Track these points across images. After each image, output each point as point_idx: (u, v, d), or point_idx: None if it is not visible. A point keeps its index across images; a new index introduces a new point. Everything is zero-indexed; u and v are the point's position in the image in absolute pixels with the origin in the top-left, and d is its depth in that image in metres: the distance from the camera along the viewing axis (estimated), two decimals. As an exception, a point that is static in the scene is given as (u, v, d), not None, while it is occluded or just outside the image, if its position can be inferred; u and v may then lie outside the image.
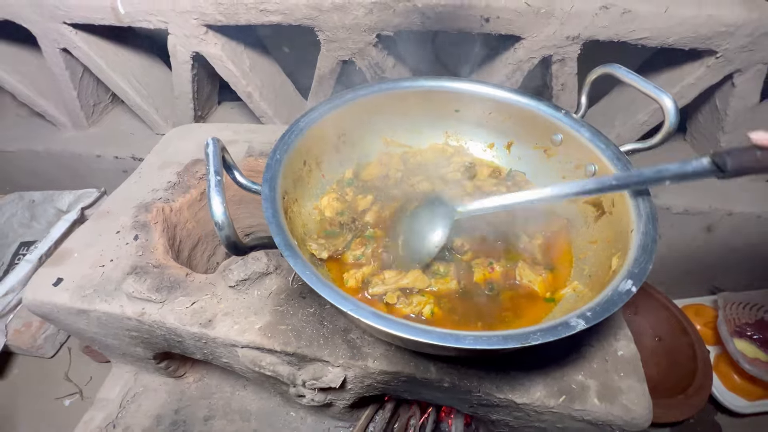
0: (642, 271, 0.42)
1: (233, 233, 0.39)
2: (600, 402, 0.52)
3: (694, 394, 0.91)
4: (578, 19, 0.82)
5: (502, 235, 0.61)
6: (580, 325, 0.37)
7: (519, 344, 0.36)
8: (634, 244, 0.45)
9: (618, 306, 0.39)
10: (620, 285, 0.41)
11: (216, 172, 0.41)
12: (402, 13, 0.87)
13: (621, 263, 0.45)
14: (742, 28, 0.79)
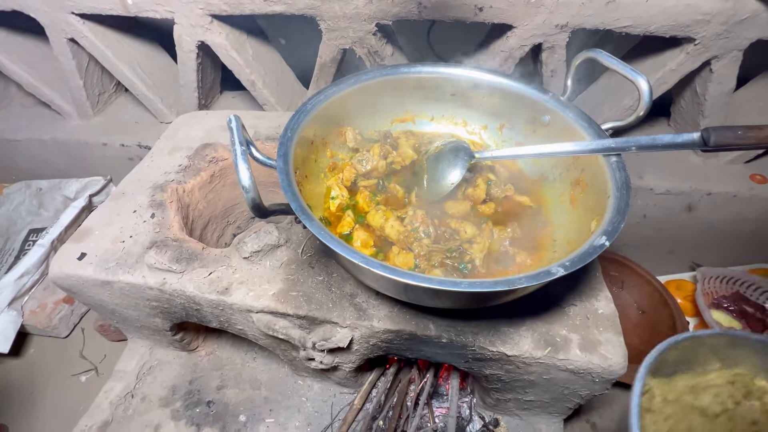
0: (615, 228, 0.47)
1: (258, 196, 0.44)
2: (581, 352, 0.58)
3: (673, 359, 0.99)
4: (566, 8, 0.87)
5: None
6: (560, 272, 0.43)
7: (507, 287, 0.42)
8: (610, 208, 0.51)
9: (592, 257, 0.44)
10: (595, 240, 0.46)
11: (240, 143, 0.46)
12: (400, 3, 0.91)
13: (598, 225, 0.51)
14: (718, 16, 0.84)
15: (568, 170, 0.68)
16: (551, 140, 0.72)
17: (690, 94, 1.07)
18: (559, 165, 0.70)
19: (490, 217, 0.68)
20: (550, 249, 0.62)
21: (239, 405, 0.89)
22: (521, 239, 0.64)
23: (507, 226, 0.65)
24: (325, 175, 0.72)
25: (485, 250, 0.62)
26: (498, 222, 0.67)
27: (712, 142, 0.52)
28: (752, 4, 0.83)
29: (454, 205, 0.68)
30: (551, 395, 0.68)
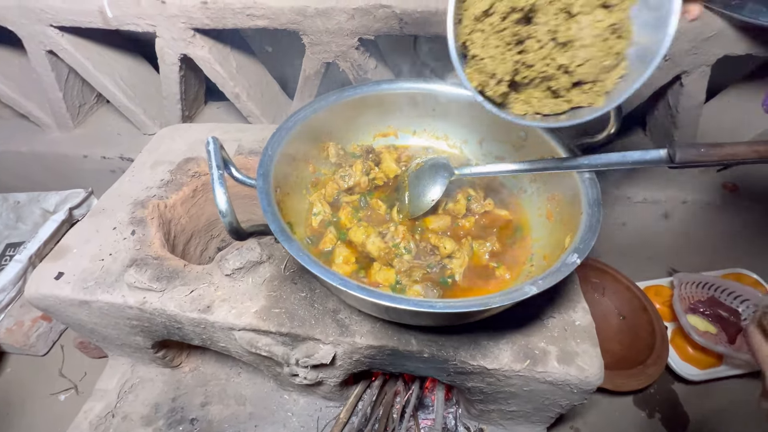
0: (586, 246, 0.49)
1: (235, 220, 0.44)
2: (559, 364, 0.59)
3: (652, 364, 1.01)
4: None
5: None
6: (532, 290, 0.44)
7: (482, 307, 0.43)
8: (582, 225, 0.52)
9: (564, 275, 0.46)
10: (568, 258, 0.48)
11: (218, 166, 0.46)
12: (382, 19, 0.93)
13: (571, 241, 0.52)
14: (685, 34, 0.88)
15: (545, 184, 0.70)
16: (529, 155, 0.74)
17: (663, 106, 1.11)
18: (537, 179, 0.72)
19: (470, 232, 0.69)
20: (527, 263, 0.63)
21: (224, 421, 0.88)
22: (501, 253, 0.66)
23: (486, 240, 0.67)
24: (307, 191, 0.72)
25: (465, 265, 0.63)
26: (478, 236, 0.68)
27: (677, 159, 0.54)
28: (718, 23, 0.87)
29: (434, 220, 0.69)
30: (533, 405, 0.69)
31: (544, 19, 0.44)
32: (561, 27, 0.44)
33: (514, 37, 0.46)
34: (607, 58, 0.44)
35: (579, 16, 0.43)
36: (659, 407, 1.06)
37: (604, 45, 0.44)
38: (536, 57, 0.45)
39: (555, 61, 0.45)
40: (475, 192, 0.72)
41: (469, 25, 0.46)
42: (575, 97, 0.48)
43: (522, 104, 0.51)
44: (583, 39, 0.43)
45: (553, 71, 0.46)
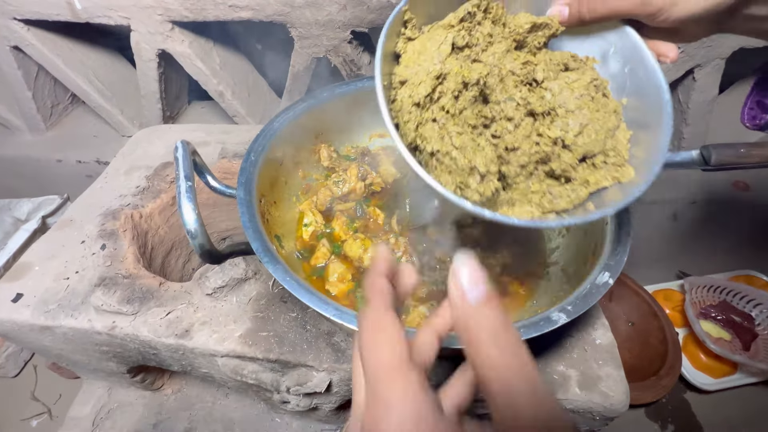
0: (618, 263, 0.43)
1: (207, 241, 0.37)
2: (581, 390, 0.53)
3: (666, 375, 0.96)
4: (549, 16, 0.84)
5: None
6: (562, 319, 0.38)
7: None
8: (610, 237, 0.46)
9: (597, 299, 0.40)
10: (598, 277, 0.42)
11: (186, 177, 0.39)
12: (376, 9, 0.86)
13: (598, 256, 0.46)
14: (702, 24, 0.82)
15: (559, 189, 0.63)
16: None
17: (674, 101, 1.05)
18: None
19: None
20: (543, 276, 0.57)
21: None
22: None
23: (497, 251, 0.60)
24: (297, 199, 0.65)
25: (474, 281, 0.56)
26: (487, 246, 0.62)
27: (713, 161, 0.48)
28: (735, 13, 0.81)
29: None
30: None
31: (502, 96, 0.35)
32: (532, 97, 0.35)
33: (481, 118, 0.35)
34: (605, 118, 0.36)
35: (546, 82, 0.36)
36: (672, 418, 1.01)
37: (595, 104, 0.36)
38: (517, 136, 0.35)
39: (545, 136, 0.35)
40: None
41: (413, 118, 0.34)
42: (590, 177, 0.36)
43: (524, 205, 0.36)
44: (567, 104, 0.35)
45: (548, 149, 0.35)
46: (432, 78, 0.34)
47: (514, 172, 0.35)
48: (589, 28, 0.39)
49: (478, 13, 0.36)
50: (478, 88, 0.35)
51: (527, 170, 0.35)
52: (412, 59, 0.35)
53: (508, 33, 0.37)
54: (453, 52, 0.35)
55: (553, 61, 0.38)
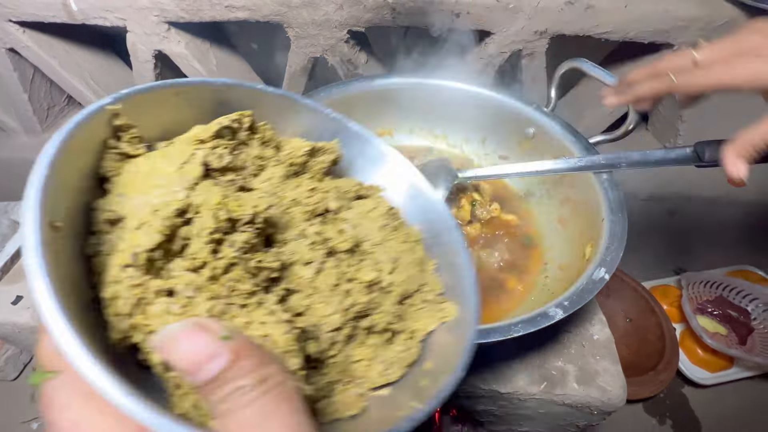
0: (614, 258, 0.43)
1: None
2: (579, 385, 0.54)
3: (663, 370, 0.97)
4: (545, 15, 0.84)
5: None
6: (559, 314, 0.38)
7: (502, 337, 0.37)
8: (606, 233, 0.47)
9: (593, 294, 0.40)
10: (594, 273, 0.42)
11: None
12: (373, 9, 0.86)
13: (594, 252, 0.47)
14: (695, 22, 0.83)
15: (555, 187, 0.64)
16: (537, 154, 0.68)
17: (668, 99, 1.06)
18: (546, 181, 0.67)
19: (476, 240, 0.63)
20: (541, 273, 0.58)
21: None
22: (510, 262, 0.60)
23: (494, 249, 0.61)
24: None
25: (473, 278, 0.57)
26: (485, 245, 0.62)
27: (707, 158, 0.49)
28: (729, 10, 0.82)
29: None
30: (547, 426, 0.64)
31: (291, 234, 0.26)
32: (329, 231, 0.27)
33: (260, 275, 0.24)
34: (412, 249, 0.29)
35: (342, 212, 0.29)
36: (670, 413, 1.02)
37: (399, 234, 0.30)
38: (321, 290, 0.26)
39: (358, 280, 0.27)
40: (480, 196, 0.66)
41: (126, 291, 0.20)
42: (415, 324, 0.28)
43: (348, 389, 0.26)
44: (371, 236, 0.28)
45: (365, 297, 0.26)
46: (170, 214, 0.21)
47: (326, 343, 0.25)
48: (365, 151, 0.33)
49: (240, 130, 0.27)
50: (254, 229, 0.23)
51: (343, 334, 0.25)
52: (132, 185, 0.23)
53: (284, 156, 0.29)
54: (205, 177, 0.24)
55: (341, 188, 0.30)
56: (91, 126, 0.22)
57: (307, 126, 0.31)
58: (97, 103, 0.22)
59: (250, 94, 0.29)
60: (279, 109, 0.30)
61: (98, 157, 0.23)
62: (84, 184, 0.23)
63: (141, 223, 0.21)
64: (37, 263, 0.17)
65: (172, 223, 0.21)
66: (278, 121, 0.30)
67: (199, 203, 0.22)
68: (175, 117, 0.26)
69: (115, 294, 0.20)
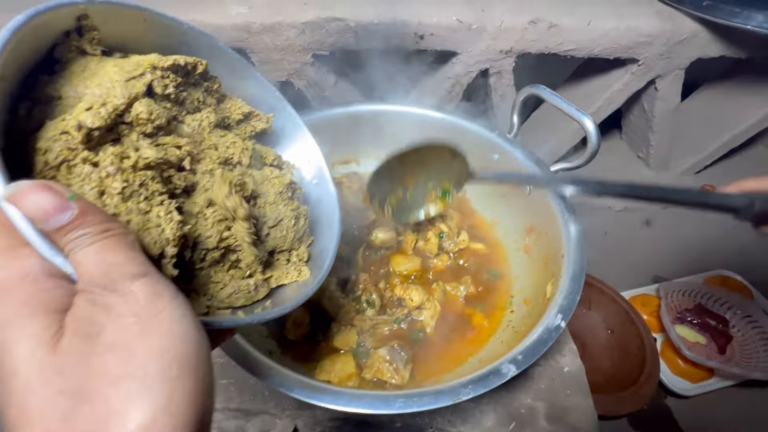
0: (570, 302, 0.42)
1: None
2: (548, 424, 0.52)
3: (645, 383, 0.96)
4: (509, 34, 0.83)
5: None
6: (511, 371, 0.37)
7: (451, 401, 0.35)
8: (565, 273, 0.46)
9: (547, 345, 0.39)
10: (550, 321, 0.41)
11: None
12: (335, 33, 0.85)
13: (554, 291, 0.45)
14: (659, 37, 0.83)
15: (521, 215, 0.63)
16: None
17: (638, 110, 1.07)
18: (512, 207, 0.65)
19: (443, 273, 0.62)
20: (507, 308, 0.57)
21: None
22: (477, 297, 0.59)
23: (461, 281, 0.59)
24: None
25: (437, 315, 0.55)
26: (452, 277, 0.61)
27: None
28: (690, 24, 0.83)
29: (402, 262, 0.61)
30: (522, 460, 0.62)
31: (202, 167, 0.31)
32: (232, 177, 0.31)
33: (168, 184, 0.28)
34: (298, 220, 0.37)
35: (249, 170, 0.35)
36: (655, 425, 1.01)
37: (291, 204, 0.36)
38: (210, 217, 0.30)
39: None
40: (447, 228, 0.64)
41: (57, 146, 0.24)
42: (273, 272, 0.36)
43: (199, 297, 0.30)
44: (267, 196, 0.35)
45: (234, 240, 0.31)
46: (117, 106, 0.26)
47: (198, 255, 0.30)
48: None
49: (193, 74, 0.32)
50: (175, 145, 0.29)
51: (212, 257, 0.30)
52: (79, 76, 0.27)
53: (222, 108, 0.35)
54: (146, 97, 0.28)
55: (258, 152, 0.37)
56: (59, 15, 0.26)
57: (252, 94, 0.37)
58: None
59: (211, 46, 0.34)
60: (233, 70, 0.36)
61: (55, 41, 0.27)
62: (34, 57, 0.27)
63: (89, 106, 0.25)
64: None
65: (116, 116, 0.26)
66: (229, 79, 0.35)
67: (138, 112, 0.27)
68: (137, 37, 0.31)
69: (48, 148, 0.24)
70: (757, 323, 1.03)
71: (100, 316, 0.20)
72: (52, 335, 0.19)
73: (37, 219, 0.20)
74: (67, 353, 0.19)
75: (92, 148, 0.25)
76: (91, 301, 0.20)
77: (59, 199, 0.21)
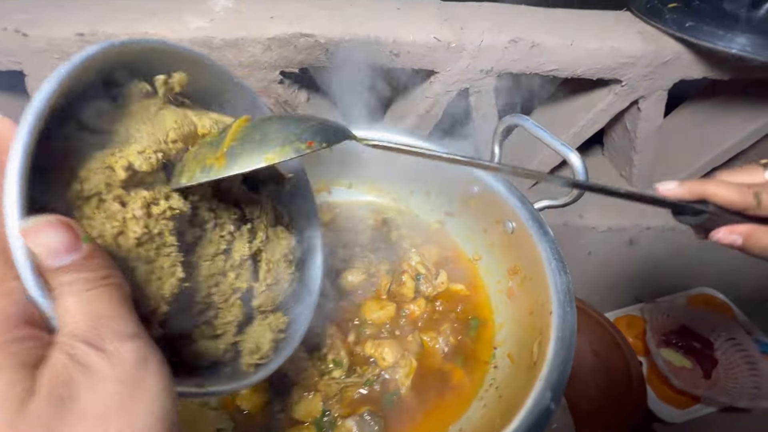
0: (561, 376, 0.37)
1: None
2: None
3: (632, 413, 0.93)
4: (489, 53, 0.79)
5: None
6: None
7: None
8: (554, 337, 0.41)
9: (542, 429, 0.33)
10: (539, 397, 0.35)
11: None
12: (304, 50, 0.78)
13: (541, 356, 0.40)
14: (642, 59, 0.81)
15: (504, 253, 0.58)
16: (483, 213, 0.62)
17: (621, 129, 1.04)
18: (494, 244, 0.60)
19: (420, 319, 0.56)
20: (490, 361, 0.51)
21: None
22: (458, 348, 0.53)
23: (440, 331, 0.54)
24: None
25: (413, 373, 0.49)
26: (430, 326, 0.55)
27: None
28: (674, 46, 0.80)
29: (375, 309, 0.55)
30: None
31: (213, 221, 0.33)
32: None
33: (181, 235, 0.30)
34: (290, 281, 0.38)
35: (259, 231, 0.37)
36: (643, 455, 0.98)
37: (288, 267, 0.38)
38: (212, 269, 0.33)
39: (241, 278, 0.34)
40: (425, 268, 0.58)
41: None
42: (247, 336, 0.36)
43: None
44: (273, 256, 0.37)
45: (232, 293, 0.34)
46: (159, 160, 0.28)
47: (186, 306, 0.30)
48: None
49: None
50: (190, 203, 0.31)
51: (196, 310, 0.31)
52: (135, 120, 0.28)
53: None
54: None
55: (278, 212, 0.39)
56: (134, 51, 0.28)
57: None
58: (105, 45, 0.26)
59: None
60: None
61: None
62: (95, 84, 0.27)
63: (143, 149, 0.27)
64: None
65: (158, 168, 0.28)
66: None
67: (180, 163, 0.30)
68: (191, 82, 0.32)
69: (86, 178, 0.25)
70: (741, 346, 1.01)
71: (78, 377, 0.18)
72: (20, 394, 0.17)
73: (42, 256, 0.19)
74: (33, 419, 0.17)
75: (126, 188, 0.26)
76: (70, 358, 0.18)
77: (73, 239, 0.20)
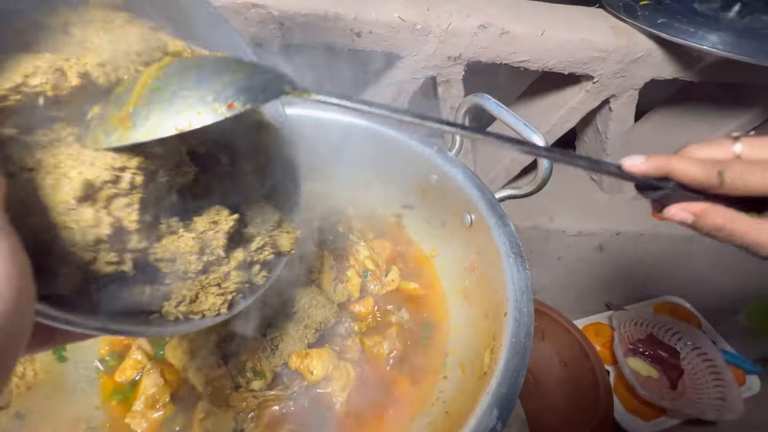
0: (511, 390, 0.30)
1: None
2: None
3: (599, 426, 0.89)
4: (457, 38, 0.74)
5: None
6: None
7: None
8: (507, 339, 0.34)
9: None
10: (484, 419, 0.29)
11: None
12: (256, 23, 0.71)
13: (492, 365, 0.34)
14: (614, 53, 0.78)
15: (462, 249, 0.52)
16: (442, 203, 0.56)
17: (593, 131, 1.02)
18: (452, 239, 0.54)
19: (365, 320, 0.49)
20: (440, 372, 0.45)
21: None
22: (404, 356, 0.46)
23: (385, 336, 0.47)
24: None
25: (350, 386, 0.42)
26: (375, 330, 0.48)
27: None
28: (645, 42, 0.78)
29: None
30: None
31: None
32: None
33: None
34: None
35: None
36: (609, 469, 0.94)
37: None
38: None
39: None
40: (373, 264, 0.51)
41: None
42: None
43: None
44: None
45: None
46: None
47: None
48: None
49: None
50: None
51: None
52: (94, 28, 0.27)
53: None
54: None
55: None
56: None
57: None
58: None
59: None
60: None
61: None
62: None
63: (104, 62, 0.27)
64: None
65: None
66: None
67: None
68: None
69: (34, 73, 0.24)
70: (707, 355, 0.99)
71: None
72: None
73: None
74: None
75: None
76: None
77: None
